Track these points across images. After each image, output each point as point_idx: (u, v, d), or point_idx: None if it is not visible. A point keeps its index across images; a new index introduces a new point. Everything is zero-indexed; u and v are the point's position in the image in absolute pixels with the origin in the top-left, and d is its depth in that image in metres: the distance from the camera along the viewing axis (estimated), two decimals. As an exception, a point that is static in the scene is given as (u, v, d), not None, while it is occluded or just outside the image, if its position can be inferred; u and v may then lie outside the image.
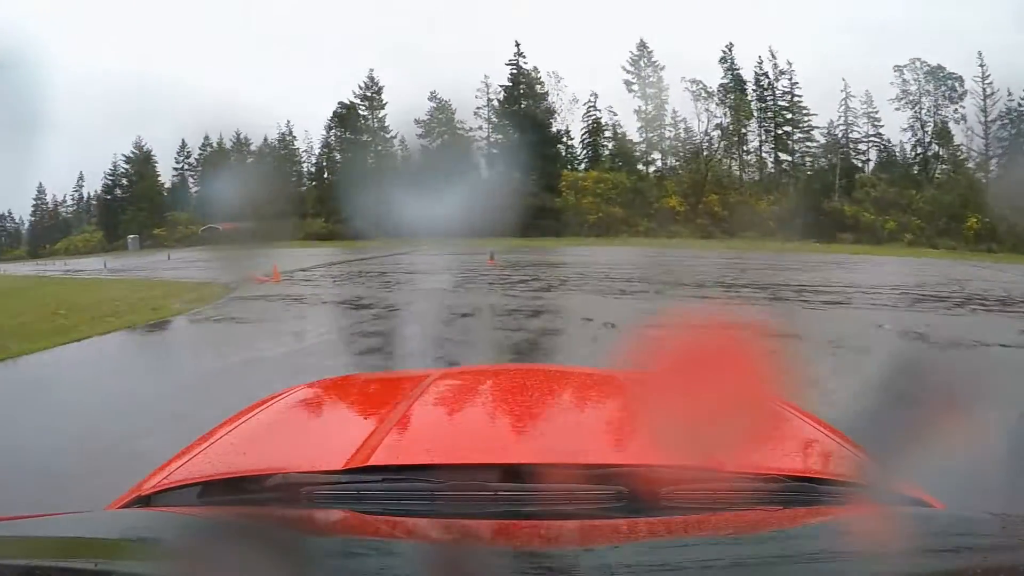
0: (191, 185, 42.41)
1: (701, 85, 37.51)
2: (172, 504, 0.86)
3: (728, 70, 37.51)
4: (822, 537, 0.75)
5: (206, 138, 41.68)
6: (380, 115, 38.88)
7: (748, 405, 0.93)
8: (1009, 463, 2.66)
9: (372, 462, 0.84)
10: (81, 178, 43.61)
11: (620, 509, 0.77)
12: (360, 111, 39.08)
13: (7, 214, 44.77)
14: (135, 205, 40.29)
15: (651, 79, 38.72)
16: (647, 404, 1.09)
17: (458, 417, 1.13)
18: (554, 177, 36.51)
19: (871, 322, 8.05)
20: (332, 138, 40.10)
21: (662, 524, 0.77)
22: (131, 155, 41.86)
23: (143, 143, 41.95)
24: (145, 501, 0.87)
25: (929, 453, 0.79)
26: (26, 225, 44.50)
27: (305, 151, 41.18)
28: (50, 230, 43.44)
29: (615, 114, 40.11)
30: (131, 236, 38.14)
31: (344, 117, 38.98)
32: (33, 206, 44.17)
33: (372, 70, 39.14)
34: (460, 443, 0.95)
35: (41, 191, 43.96)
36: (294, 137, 41.01)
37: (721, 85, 37.62)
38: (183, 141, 42.63)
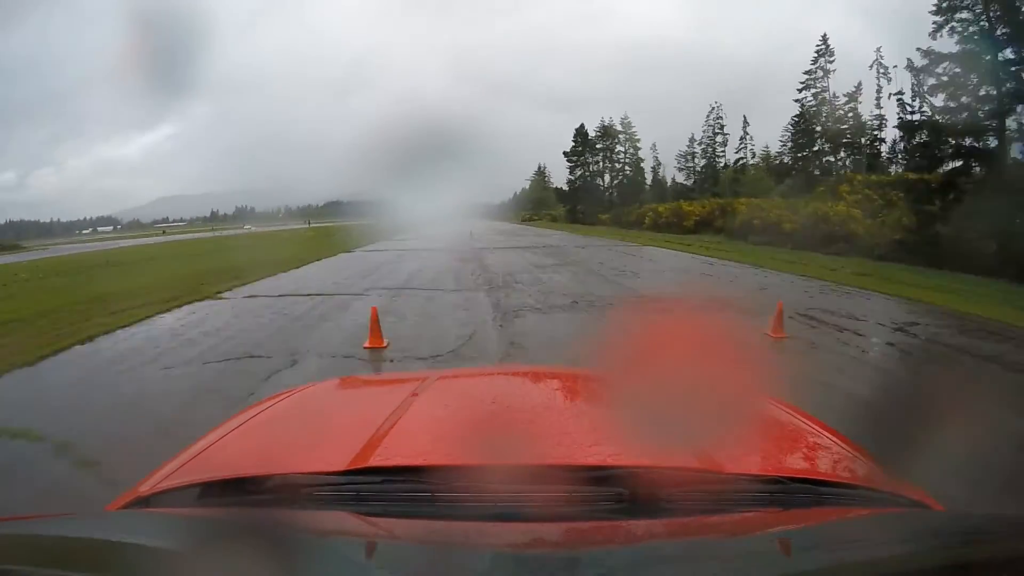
0: None
1: None
2: (171, 505, 0.85)
3: None
4: (822, 538, 0.75)
5: None
6: None
7: (747, 407, 0.93)
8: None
9: (371, 463, 0.84)
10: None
11: (621, 511, 0.77)
12: None
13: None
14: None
15: None
16: (647, 406, 1.09)
17: (457, 419, 1.12)
18: None
19: None
20: None
21: (663, 526, 0.77)
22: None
23: None
24: (144, 502, 0.87)
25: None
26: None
27: None
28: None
29: None
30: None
31: None
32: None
33: None
34: (460, 445, 0.95)
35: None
36: None
37: None
38: None
